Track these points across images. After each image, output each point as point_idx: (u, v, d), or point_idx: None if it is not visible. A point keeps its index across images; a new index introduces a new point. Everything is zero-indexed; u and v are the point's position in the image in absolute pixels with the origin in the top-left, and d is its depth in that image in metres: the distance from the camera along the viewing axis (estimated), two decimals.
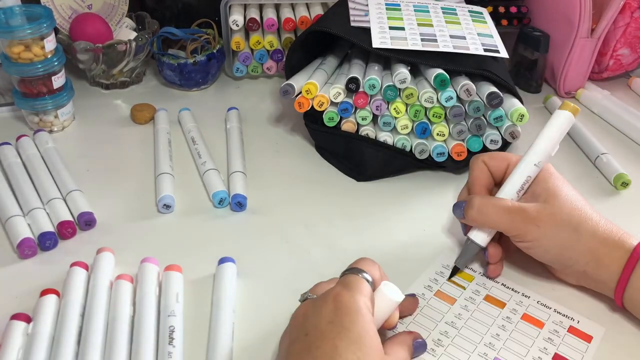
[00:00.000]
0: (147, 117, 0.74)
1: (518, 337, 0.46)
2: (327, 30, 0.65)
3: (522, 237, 0.47)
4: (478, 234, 0.50)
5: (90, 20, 0.78)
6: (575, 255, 0.47)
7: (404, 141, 0.63)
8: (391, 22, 0.66)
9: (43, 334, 0.43)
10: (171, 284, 0.48)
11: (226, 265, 0.50)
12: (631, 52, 0.80)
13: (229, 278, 0.49)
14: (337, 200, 0.62)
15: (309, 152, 0.70)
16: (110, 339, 0.43)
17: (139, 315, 0.45)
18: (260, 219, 0.59)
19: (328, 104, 0.63)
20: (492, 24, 0.68)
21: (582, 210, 0.47)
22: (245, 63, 0.82)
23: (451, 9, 0.71)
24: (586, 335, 0.47)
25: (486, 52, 0.62)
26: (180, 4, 0.87)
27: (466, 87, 0.59)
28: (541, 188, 0.48)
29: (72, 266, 0.49)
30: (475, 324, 0.47)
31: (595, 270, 0.46)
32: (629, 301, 0.46)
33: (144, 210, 0.60)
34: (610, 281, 0.46)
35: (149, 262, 0.50)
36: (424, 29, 0.65)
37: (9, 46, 0.67)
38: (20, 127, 0.73)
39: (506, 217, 0.47)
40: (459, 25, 0.66)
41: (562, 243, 0.46)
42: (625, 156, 0.68)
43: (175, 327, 0.44)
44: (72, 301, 0.46)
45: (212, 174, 0.62)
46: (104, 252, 0.51)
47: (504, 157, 0.52)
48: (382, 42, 0.61)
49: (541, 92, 0.83)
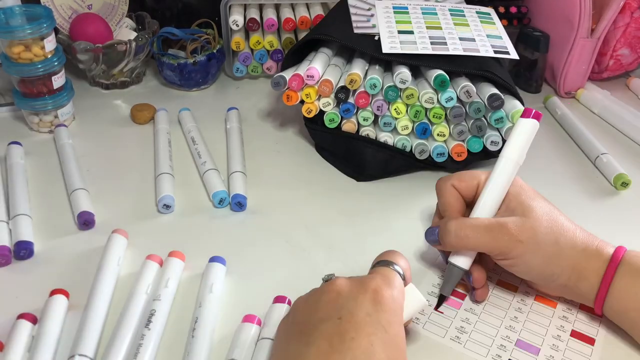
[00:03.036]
0: (147, 117, 0.74)
1: (535, 318, 0.48)
2: (332, 38, 0.65)
3: (506, 255, 0.45)
4: (459, 258, 0.47)
5: (90, 20, 0.79)
6: (558, 269, 0.45)
7: (404, 141, 0.63)
8: (400, 26, 0.65)
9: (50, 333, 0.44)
10: (167, 270, 0.49)
11: (214, 265, 0.50)
12: (631, 52, 0.80)
13: (217, 277, 0.49)
14: (337, 200, 0.62)
15: (309, 152, 0.70)
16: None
17: (127, 300, 0.46)
18: (260, 219, 0.59)
19: (316, 111, 0.64)
20: (500, 25, 0.68)
21: (558, 221, 0.46)
22: (245, 63, 0.82)
23: (459, 10, 0.70)
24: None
25: (496, 53, 0.62)
26: (180, 4, 0.87)
27: (466, 88, 0.59)
28: (515, 202, 0.47)
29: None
30: (492, 308, 0.49)
31: (575, 282, 0.46)
32: (609, 310, 0.45)
33: (144, 210, 0.60)
34: (589, 293, 0.45)
35: (151, 260, 0.50)
36: (433, 32, 0.64)
37: (9, 46, 0.67)
38: (20, 127, 0.73)
39: (487, 237, 0.45)
40: (468, 27, 0.66)
41: (545, 257, 0.45)
42: (625, 156, 0.68)
43: (156, 311, 0.44)
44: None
45: (212, 174, 0.62)
46: (116, 234, 0.53)
47: (472, 176, 0.50)
48: (392, 47, 0.61)
49: (541, 92, 0.83)
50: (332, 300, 0.38)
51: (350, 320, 0.36)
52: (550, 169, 0.67)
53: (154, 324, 0.44)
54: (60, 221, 0.58)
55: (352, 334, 0.36)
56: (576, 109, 0.78)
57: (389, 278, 0.40)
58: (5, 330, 0.44)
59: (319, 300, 0.39)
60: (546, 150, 0.71)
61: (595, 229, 0.58)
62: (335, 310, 0.37)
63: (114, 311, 0.47)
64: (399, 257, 0.43)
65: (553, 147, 0.71)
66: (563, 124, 0.75)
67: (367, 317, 0.37)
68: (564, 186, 0.64)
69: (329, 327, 0.36)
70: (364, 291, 0.38)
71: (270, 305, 0.46)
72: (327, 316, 0.37)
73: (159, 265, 0.50)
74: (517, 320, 0.48)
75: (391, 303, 0.38)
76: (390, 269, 0.41)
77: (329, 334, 0.36)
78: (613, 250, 0.46)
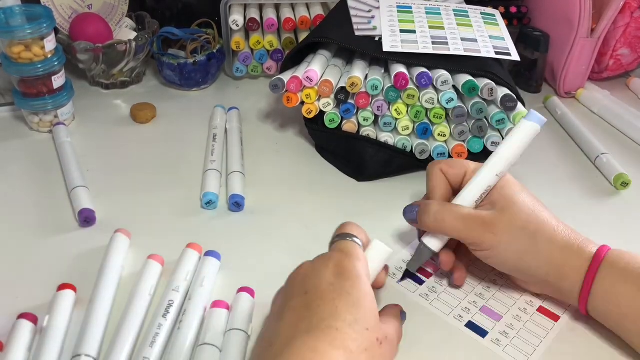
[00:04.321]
0: (148, 116, 0.74)
1: (507, 292, 0.50)
2: (332, 41, 0.65)
3: (479, 245, 0.46)
4: (431, 240, 0.49)
5: (90, 20, 0.78)
6: (534, 263, 0.45)
7: (405, 141, 0.63)
8: (402, 25, 0.65)
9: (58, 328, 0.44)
10: (185, 261, 0.50)
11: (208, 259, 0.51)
12: (631, 52, 0.80)
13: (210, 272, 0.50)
14: (337, 200, 0.62)
15: (309, 152, 0.70)
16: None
17: (129, 299, 0.47)
18: (260, 219, 0.59)
19: (317, 111, 0.64)
20: (504, 27, 0.67)
21: (539, 216, 0.46)
22: (245, 63, 0.82)
23: (463, 11, 0.70)
24: None
25: (497, 54, 0.62)
26: (180, 4, 0.87)
27: (489, 86, 0.59)
28: (498, 195, 0.47)
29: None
30: (468, 278, 0.52)
31: (556, 280, 0.46)
32: (594, 310, 0.45)
33: (144, 209, 0.60)
34: (572, 291, 0.45)
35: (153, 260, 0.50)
36: (435, 32, 0.64)
37: (9, 46, 0.67)
38: (20, 127, 0.73)
39: (462, 224, 0.46)
40: (471, 27, 0.66)
41: (519, 250, 0.45)
42: (625, 156, 0.68)
43: (174, 302, 0.46)
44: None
45: (211, 174, 0.62)
46: (119, 233, 0.53)
47: (461, 164, 0.50)
48: (393, 46, 0.61)
49: (541, 92, 0.83)
50: (299, 280, 0.40)
51: (315, 292, 0.38)
52: (550, 169, 0.67)
53: (171, 315, 0.45)
54: (61, 219, 0.58)
55: (317, 302, 0.37)
56: (576, 109, 0.78)
57: (349, 250, 0.42)
58: (5, 330, 0.44)
59: (289, 283, 0.41)
60: (546, 150, 0.71)
61: (595, 229, 0.58)
62: (302, 287, 0.39)
63: (117, 309, 0.47)
64: (355, 229, 0.45)
65: (553, 147, 0.71)
66: (563, 124, 0.75)
67: (330, 286, 0.38)
68: (564, 186, 0.64)
69: (297, 302, 0.38)
70: (326, 266, 0.40)
71: (235, 295, 0.48)
72: (295, 293, 0.39)
73: (161, 265, 0.50)
74: (489, 290, 0.50)
75: (353, 270, 0.40)
76: (349, 241, 0.43)
77: (297, 307, 0.38)
78: (596, 249, 0.45)
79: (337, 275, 0.39)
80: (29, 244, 0.55)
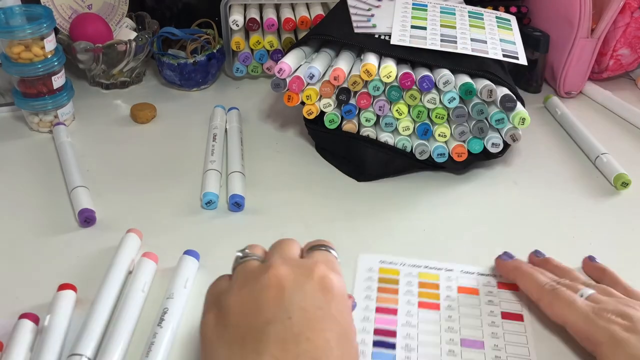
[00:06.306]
0: (148, 116, 0.74)
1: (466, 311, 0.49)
2: (331, 37, 0.65)
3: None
4: None
5: (90, 20, 0.78)
6: None
7: (405, 142, 0.63)
8: (415, 21, 0.66)
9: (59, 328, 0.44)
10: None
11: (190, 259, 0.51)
12: (631, 52, 0.80)
13: (192, 272, 0.50)
14: (337, 200, 0.62)
15: (309, 152, 0.70)
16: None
17: (124, 298, 0.47)
18: (260, 219, 0.59)
19: (317, 112, 0.64)
20: (517, 32, 0.68)
21: None
22: (245, 63, 0.82)
23: (478, 13, 0.70)
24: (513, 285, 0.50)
25: (505, 57, 0.62)
26: (180, 4, 0.87)
27: (488, 87, 0.59)
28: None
29: None
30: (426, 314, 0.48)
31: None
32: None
33: (144, 209, 0.60)
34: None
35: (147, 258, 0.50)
36: (445, 30, 0.65)
37: (9, 46, 0.67)
38: (20, 127, 0.73)
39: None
40: (483, 29, 0.66)
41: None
42: (626, 156, 0.68)
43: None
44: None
45: (211, 174, 0.62)
46: (131, 233, 0.53)
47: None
48: (401, 40, 0.61)
49: (541, 92, 0.83)
50: (277, 297, 0.34)
51: (301, 318, 0.33)
52: (551, 168, 0.67)
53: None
54: (61, 219, 0.58)
55: (307, 333, 0.32)
56: (576, 109, 0.78)
57: (332, 262, 0.38)
58: (5, 330, 0.44)
59: (259, 297, 0.34)
60: (546, 150, 0.71)
61: (596, 229, 0.58)
62: (282, 308, 0.33)
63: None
64: (330, 243, 0.40)
65: (553, 147, 0.71)
66: (563, 124, 0.75)
67: (318, 311, 0.33)
68: (564, 186, 0.64)
69: (279, 330, 0.32)
70: (310, 280, 0.35)
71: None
72: (274, 317, 0.33)
73: (155, 263, 0.51)
74: (452, 319, 0.48)
75: (339, 290, 0.35)
76: (330, 253, 0.38)
77: (281, 338, 0.32)
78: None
79: (324, 292, 0.35)
80: (29, 244, 0.55)
